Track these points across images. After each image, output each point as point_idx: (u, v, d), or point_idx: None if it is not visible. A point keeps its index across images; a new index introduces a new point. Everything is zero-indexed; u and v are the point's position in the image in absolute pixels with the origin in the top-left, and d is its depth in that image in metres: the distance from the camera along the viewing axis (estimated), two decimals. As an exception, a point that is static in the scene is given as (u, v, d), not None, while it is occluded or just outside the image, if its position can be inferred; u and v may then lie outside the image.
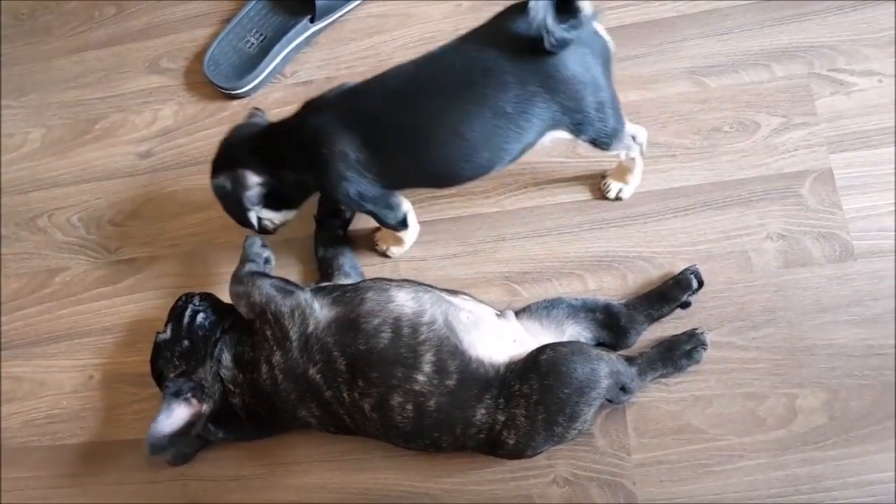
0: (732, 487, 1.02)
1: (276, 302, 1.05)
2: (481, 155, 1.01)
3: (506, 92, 0.95)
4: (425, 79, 1.00)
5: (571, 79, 0.95)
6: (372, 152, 1.03)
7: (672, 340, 1.07)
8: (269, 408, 1.08)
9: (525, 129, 0.98)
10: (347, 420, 1.06)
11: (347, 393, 1.03)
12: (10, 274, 1.46)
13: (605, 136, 1.04)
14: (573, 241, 1.19)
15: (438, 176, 1.08)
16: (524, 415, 0.99)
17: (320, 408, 1.06)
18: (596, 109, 0.99)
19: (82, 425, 1.28)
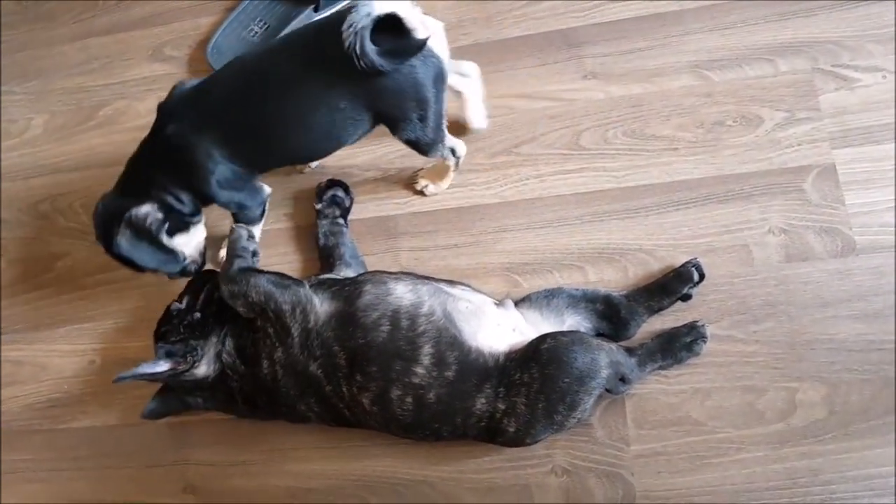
0: (730, 480, 1.02)
1: (275, 299, 1.04)
2: (321, 141, 1.12)
3: (340, 95, 1.04)
4: (264, 78, 1.08)
5: (399, 95, 1.04)
6: (233, 145, 1.10)
7: (672, 332, 1.07)
8: (269, 400, 1.08)
9: (359, 121, 1.08)
10: (347, 413, 1.05)
11: (347, 387, 1.02)
12: (11, 258, 1.45)
13: (423, 145, 1.12)
14: (574, 232, 1.18)
15: (297, 156, 1.21)
16: (524, 403, 0.98)
17: (320, 403, 1.05)
18: (419, 120, 1.08)
19: (83, 409, 1.28)
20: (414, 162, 1.30)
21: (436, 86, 1.05)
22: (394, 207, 1.28)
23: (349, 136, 1.11)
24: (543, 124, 1.26)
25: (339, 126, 1.08)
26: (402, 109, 1.06)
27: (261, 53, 1.13)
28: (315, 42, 1.04)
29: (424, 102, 1.05)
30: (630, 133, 1.22)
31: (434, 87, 1.05)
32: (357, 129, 1.10)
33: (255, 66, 1.10)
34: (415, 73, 1.02)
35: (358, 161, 1.33)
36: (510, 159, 1.25)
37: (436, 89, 1.05)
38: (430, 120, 1.08)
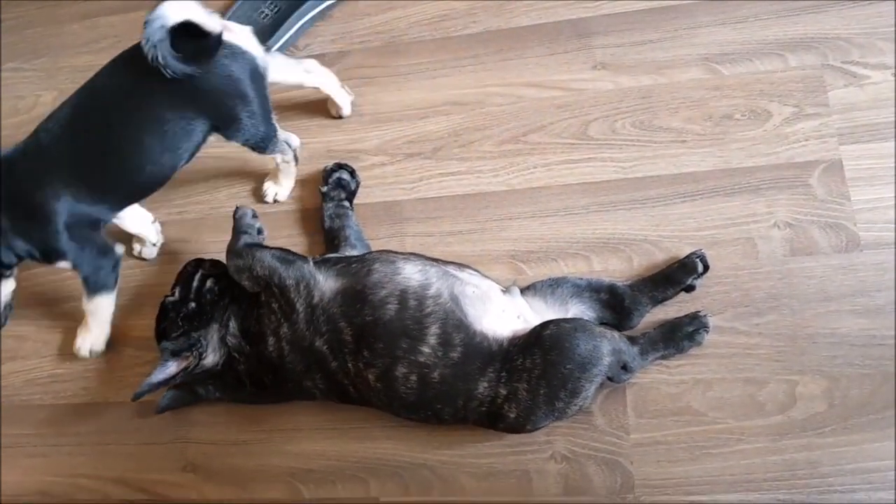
0: (729, 470, 1.02)
1: (279, 274, 1.04)
2: (163, 157, 1.10)
3: (162, 106, 1.06)
4: (93, 104, 1.09)
5: (218, 94, 1.07)
6: (77, 182, 1.09)
7: (675, 322, 1.07)
8: (275, 378, 1.08)
9: (191, 134, 1.10)
10: (352, 390, 1.05)
11: (352, 363, 1.02)
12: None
13: (258, 142, 1.16)
14: (580, 222, 1.18)
15: (140, 180, 1.14)
16: (526, 389, 0.98)
17: (325, 379, 1.05)
18: (248, 118, 1.11)
19: (84, 386, 1.28)
20: (421, 148, 1.30)
21: (254, 81, 1.10)
22: (400, 192, 1.28)
23: (185, 149, 1.11)
24: (552, 113, 1.26)
25: (171, 139, 1.08)
26: (228, 108, 1.09)
27: (91, 80, 1.11)
28: (134, 58, 1.03)
29: (246, 98, 1.09)
30: (638, 124, 1.22)
31: (252, 83, 1.10)
32: (191, 139, 1.10)
33: (85, 94, 1.10)
34: (228, 70, 1.06)
35: (365, 146, 1.33)
36: (518, 147, 1.25)
37: (255, 84, 1.10)
38: (258, 115, 1.12)
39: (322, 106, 1.37)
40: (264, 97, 1.13)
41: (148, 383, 1.07)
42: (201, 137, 1.12)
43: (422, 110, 1.32)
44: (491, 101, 1.29)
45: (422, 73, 1.34)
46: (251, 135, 1.14)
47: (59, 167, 1.08)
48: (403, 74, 1.35)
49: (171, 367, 1.08)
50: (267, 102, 1.14)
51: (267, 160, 1.29)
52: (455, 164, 1.27)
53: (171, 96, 1.06)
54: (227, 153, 1.38)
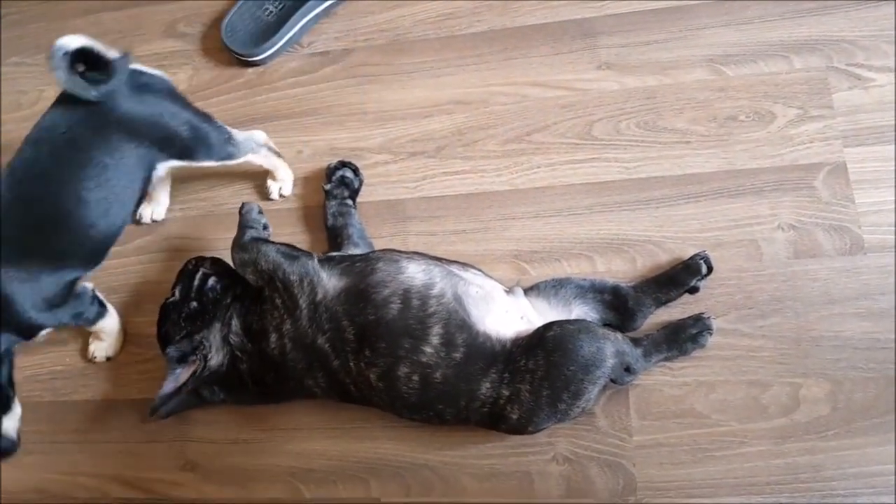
0: (732, 473, 1.01)
1: (283, 269, 1.03)
2: (112, 206, 1.08)
3: (95, 148, 1.04)
4: (30, 161, 1.05)
5: (143, 119, 1.07)
6: (36, 255, 1.05)
7: (678, 324, 1.06)
8: (277, 376, 1.07)
9: (133, 171, 1.09)
10: (353, 389, 1.05)
11: (354, 362, 1.01)
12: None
13: (219, 153, 1.15)
14: (583, 222, 1.17)
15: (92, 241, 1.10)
16: (528, 390, 0.97)
17: (326, 377, 1.04)
18: (190, 132, 1.11)
19: (85, 383, 1.27)
20: (425, 147, 1.29)
21: (172, 95, 1.12)
22: (403, 191, 1.27)
23: (129, 193, 1.09)
24: (556, 113, 1.25)
25: (114, 184, 1.06)
26: (164, 127, 1.09)
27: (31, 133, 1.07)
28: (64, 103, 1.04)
29: (175, 111, 1.10)
30: (643, 125, 1.21)
31: (171, 97, 1.11)
32: (135, 175, 1.09)
33: (22, 155, 1.06)
34: (145, 93, 1.08)
35: (369, 144, 1.32)
36: (521, 147, 1.24)
37: (173, 98, 1.12)
38: (198, 124, 1.12)
39: (325, 104, 1.36)
40: (190, 106, 1.13)
41: (161, 396, 1.06)
42: (146, 173, 1.11)
43: (426, 109, 1.32)
44: (495, 100, 1.29)
45: (426, 72, 1.34)
46: (208, 149, 1.14)
47: (9, 245, 1.03)
48: (407, 73, 1.35)
49: (181, 373, 1.07)
50: (197, 110, 1.14)
51: (269, 158, 1.29)
52: (459, 163, 1.26)
53: (102, 138, 1.05)
54: (229, 150, 1.38)
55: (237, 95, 1.43)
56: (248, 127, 1.37)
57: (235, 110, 1.42)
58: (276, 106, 1.40)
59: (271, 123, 1.38)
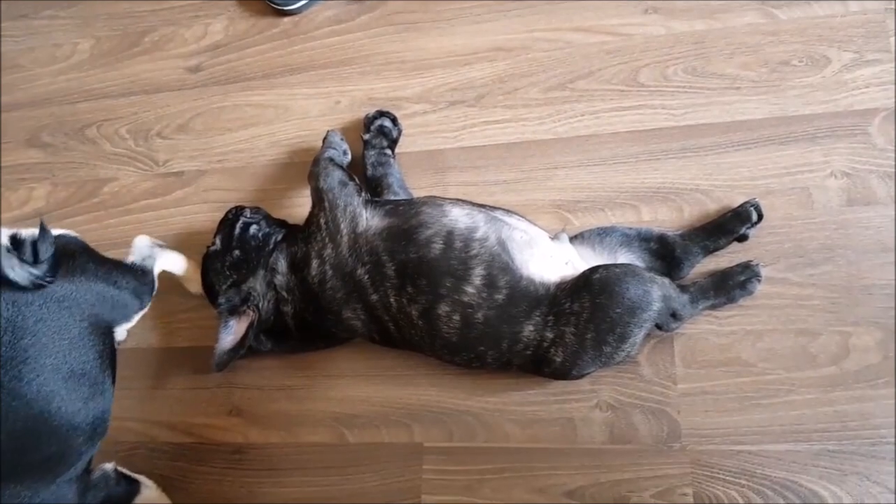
0: (778, 421, 1.01)
1: (334, 192, 1.07)
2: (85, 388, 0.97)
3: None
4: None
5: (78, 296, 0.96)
6: (28, 471, 0.91)
7: (726, 271, 1.04)
8: (316, 309, 1.08)
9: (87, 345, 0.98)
10: (392, 328, 1.05)
11: (395, 298, 1.01)
12: (58, 182, 1.45)
13: (145, 296, 1.09)
14: (629, 171, 1.15)
15: (80, 430, 0.96)
16: (573, 332, 0.97)
17: (366, 311, 1.05)
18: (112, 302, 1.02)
19: (131, 331, 1.28)
20: (465, 96, 1.27)
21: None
22: (442, 141, 1.25)
23: (104, 363, 0.98)
24: (600, 59, 1.22)
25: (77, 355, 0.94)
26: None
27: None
28: None
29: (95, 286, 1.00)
30: (691, 70, 1.18)
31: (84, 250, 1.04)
32: (97, 350, 0.98)
33: None
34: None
35: (407, 93, 1.30)
36: (565, 94, 1.22)
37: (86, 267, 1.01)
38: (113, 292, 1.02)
39: (362, 53, 1.34)
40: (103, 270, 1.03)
41: (223, 351, 1.07)
42: (105, 347, 1.00)
43: (465, 56, 1.29)
44: (537, 46, 1.26)
45: (465, 18, 1.31)
46: (138, 304, 1.07)
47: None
48: (447, 19, 1.32)
49: (234, 325, 1.08)
50: (108, 271, 1.04)
51: (310, 108, 1.28)
52: (500, 111, 1.24)
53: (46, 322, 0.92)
54: (266, 101, 1.37)
55: (273, 45, 1.41)
56: (284, 76, 1.37)
57: (272, 60, 1.40)
58: (313, 56, 1.38)
59: (308, 73, 1.37)
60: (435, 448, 1.12)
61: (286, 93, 1.37)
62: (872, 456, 0.97)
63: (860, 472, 0.97)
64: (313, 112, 1.34)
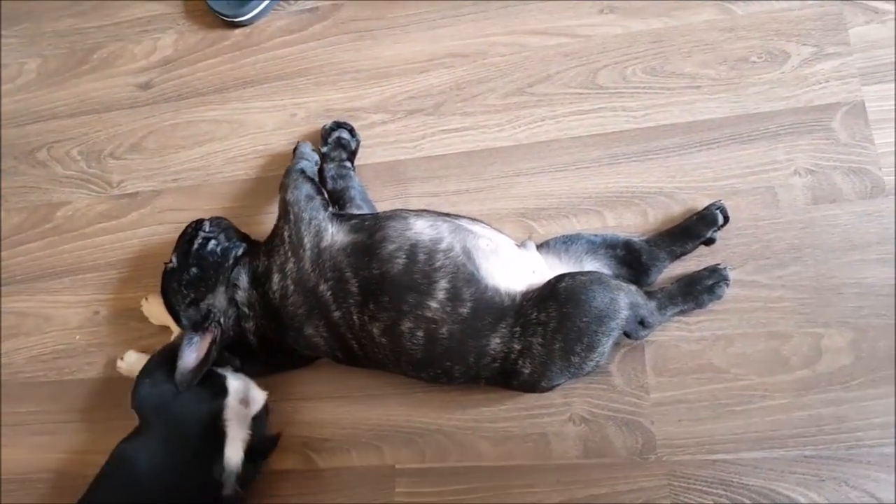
0: (754, 427, 0.93)
1: (300, 205, 0.99)
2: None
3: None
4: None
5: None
6: None
7: (693, 276, 0.97)
8: (278, 325, 0.98)
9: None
10: (356, 346, 0.96)
11: (357, 315, 0.93)
12: (10, 208, 1.32)
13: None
14: (592, 176, 1.07)
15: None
16: (541, 343, 0.89)
17: (328, 328, 0.96)
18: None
19: (89, 361, 1.18)
20: (423, 104, 1.17)
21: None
22: (402, 152, 1.15)
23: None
24: (558, 62, 1.13)
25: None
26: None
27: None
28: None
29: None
30: (650, 70, 1.09)
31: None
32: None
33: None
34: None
35: (364, 103, 1.20)
36: (523, 100, 1.12)
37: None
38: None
39: (316, 63, 1.23)
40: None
41: (183, 369, 0.97)
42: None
43: (421, 63, 1.19)
44: (494, 51, 1.16)
45: (420, 24, 1.21)
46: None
47: None
48: (401, 26, 1.21)
49: (196, 342, 0.98)
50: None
51: (266, 121, 1.17)
52: (458, 119, 1.14)
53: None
54: (220, 116, 1.26)
55: (225, 58, 1.30)
56: (238, 90, 1.26)
57: (224, 73, 1.29)
58: (266, 67, 1.27)
59: (262, 86, 1.26)
60: (407, 470, 1.03)
61: (240, 107, 1.26)
62: (849, 460, 0.90)
63: (837, 477, 0.90)
64: (269, 125, 1.23)
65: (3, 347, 1.23)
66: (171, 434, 0.96)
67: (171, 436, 0.96)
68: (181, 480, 0.95)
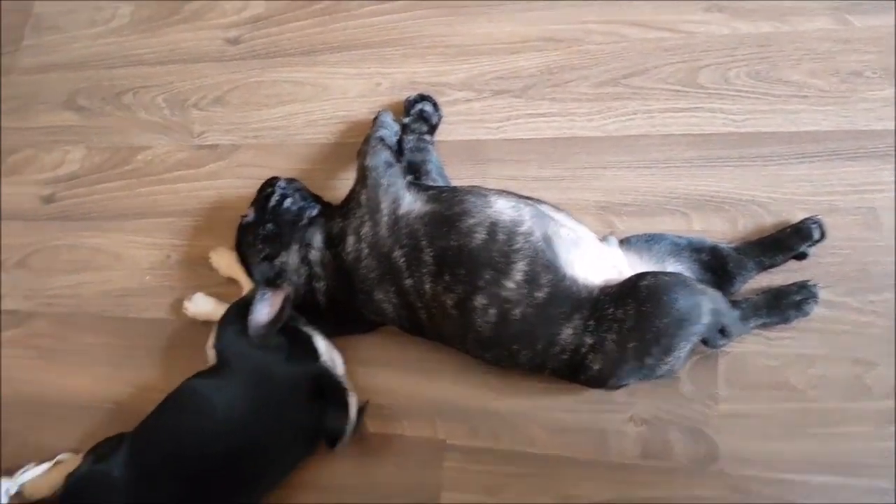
0: (826, 452, 0.89)
1: (379, 171, 0.97)
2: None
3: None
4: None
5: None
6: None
7: (781, 289, 0.92)
8: (349, 287, 0.97)
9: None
10: (424, 316, 0.94)
11: (430, 285, 0.91)
12: (93, 147, 1.34)
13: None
14: (682, 175, 1.02)
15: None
16: (614, 340, 0.85)
17: (398, 295, 0.95)
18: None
19: (156, 301, 1.19)
20: (511, 86, 1.13)
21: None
22: (484, 132, 1.12)
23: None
24: (657, 56, 1.08)
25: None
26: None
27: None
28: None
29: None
30: (755, 75, 1.04)
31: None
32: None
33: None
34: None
35: (450, 79, 1.17)
36: (617, 91, 1.08)
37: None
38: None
39: (406, 35, 1.20)
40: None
41: (256, 324, 0.97)
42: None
43: (513, 45, 1.16)
44: (590, 38, 1.12)
45: (515, 5, 1.17)
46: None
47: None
48: (496, 4, 1.19)
49: (269, 297, 0.98)
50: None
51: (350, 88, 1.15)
52: (546, 104, 1.11)
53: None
54: (304, 78, 1.25)
55: (315, 22, 1.29)
56: (325, 54, 1.24)
57: (313, 36, 1.28)
58: (355, 34, 1.25)
59: (349, 53, 1.24)
60: (457, 446, 1.00)
61: (326, 71, 1.24)
62: (926, 499, 0.85)
63: (911, 515, 0.85)
64: (352, 92, 1.21)
65: (74, 280, 1.25)
66: (256, 383, 0.96)
67: (256, 384, 0.96)
68: (261, 428, 0.95)
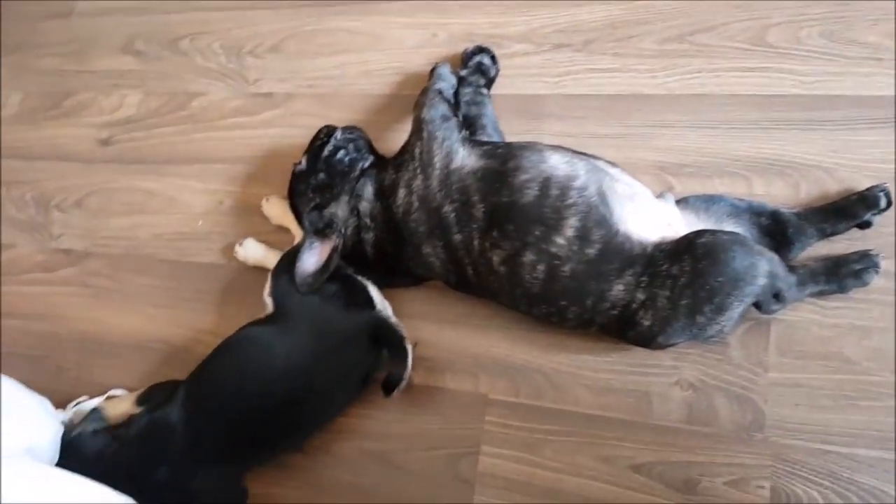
0: (876, 425, 0.87)
1: (435, 124, 0.96)
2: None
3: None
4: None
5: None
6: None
7: (841, 257, 0.90)
8: (397, 240, 0.98)
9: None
10: (471, 272, 0.94)
11: (479, 241, 0.91)
12: (150, 91, 1.35)
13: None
14: (745, 138, 0.99)
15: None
16: (667, 296, 0.85)
17: (446, 249, 0.95)
18: None
19: (208, 246, 1.21)
20: (571, 39, 1.10)
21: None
22: (543, 86, 1.10)
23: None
24: (725, 13, 1.04)
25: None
26: None
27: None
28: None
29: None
30: (827, 35, 0.99)
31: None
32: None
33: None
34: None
35: (509, 31, 1.14)
36: (682, 48, 1.04)
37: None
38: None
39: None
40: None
41: (302, 272, 0.98)
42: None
43: (575, -3, 1.12)
44: (656, -7, 1.08)
45: (581, -44, 1.13)
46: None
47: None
48: (561, -45, 1.14)
49: (317, 247, 0.99)
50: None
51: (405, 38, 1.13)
52: (608, 59, 1.08)
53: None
54: (360, 28, 1.23)
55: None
56: (382, 3, 1.23)
57: (369, -15, 1.25)
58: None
59: (406, 2, 1.22)
60: (500, 401, 1.02)
61: (381, 20, 1.23)
62: (980, 477, 0.83)
63: (962, 492, 0.83)
64: (408, 43, 1.20)
65: (129, 222, 1.28)
66: (317, 331, 0.98)
67: (317, 332, 0.98)
68: (321, 375, 0.98)
